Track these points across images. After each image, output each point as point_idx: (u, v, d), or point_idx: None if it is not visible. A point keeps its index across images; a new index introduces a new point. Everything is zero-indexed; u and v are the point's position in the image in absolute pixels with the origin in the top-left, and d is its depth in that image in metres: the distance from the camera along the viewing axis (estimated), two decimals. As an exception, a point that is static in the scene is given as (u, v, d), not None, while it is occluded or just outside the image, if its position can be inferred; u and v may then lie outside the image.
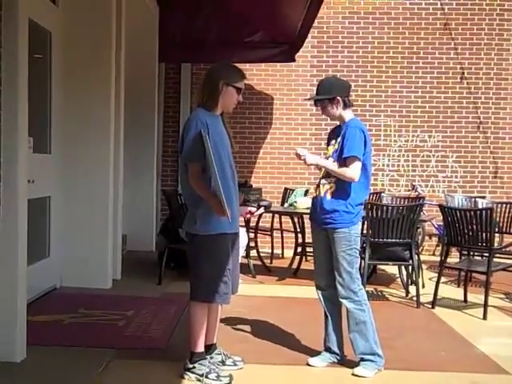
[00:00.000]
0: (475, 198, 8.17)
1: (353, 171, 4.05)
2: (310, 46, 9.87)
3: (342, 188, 4.11)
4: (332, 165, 4.14)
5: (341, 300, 4.21)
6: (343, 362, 4.30)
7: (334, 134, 4.32)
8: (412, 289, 6.50)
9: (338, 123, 4.32)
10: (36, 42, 5.35)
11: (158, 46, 8.88)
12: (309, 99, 4.30)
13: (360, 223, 4.28)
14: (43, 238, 6.07)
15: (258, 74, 9.93)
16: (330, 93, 4.18)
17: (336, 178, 4.11)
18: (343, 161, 4.09)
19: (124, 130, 7.16)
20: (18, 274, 4.07)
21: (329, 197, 4.13)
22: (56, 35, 6.05)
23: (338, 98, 4.17)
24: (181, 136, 3.90)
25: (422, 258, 7.81)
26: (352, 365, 4.19)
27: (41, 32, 5.76)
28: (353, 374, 4.14)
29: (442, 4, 10.02)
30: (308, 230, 7.78)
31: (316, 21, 9.54)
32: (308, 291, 6.65)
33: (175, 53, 9.14)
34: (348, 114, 4.24)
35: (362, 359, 4.20)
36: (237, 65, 4.10)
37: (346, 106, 4.21)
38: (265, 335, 4.47)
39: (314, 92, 4.30)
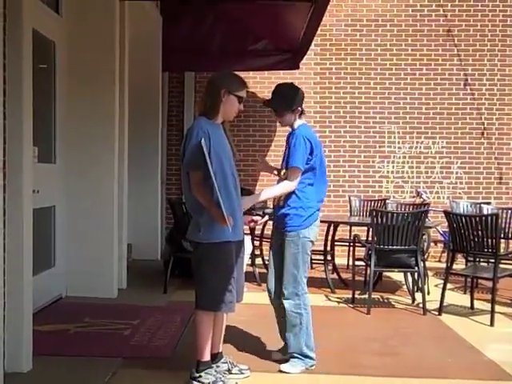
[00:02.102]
0: (480, 203, 8.15)
1: (291, 183, 4.27)
2: (313, 53, 9.89)
3: (291, 193, 4.30)
4: (268, 192, 4.44)
5: (283, 300, 4.30)
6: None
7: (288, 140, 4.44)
8: (418, 296, 6.48)
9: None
10: (40, 52, 5.37)
11: (162, 55, 8.90)
12: (270, 106, 4.40)
13: (314, 228, 4.37)
14: (48, 247, 6.07)
15: (262, 82, 9.93)
16: (293, 102, 4.33)
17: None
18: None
19: (128, 139, 7.17)
20: (24, 284, 4.07)
21: (281, 202, 4.32)
22: (60, 45, 6.08)
23: (300, 108, 4.36)
24: (182, 145, 3.91)
25: (428, 264, 7.79)
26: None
27: (45, 42, 5.78)
28: (279, 371, 4.23)
29: (444, 11, 10.02)
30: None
31: (319, 28, 9.60)
32: (314, 299, 6.63)
33: (178, 61, 9.16)
34: (298, 121, 4.40)
35: (292, 356, 4.31)
36: (240, 73, 4.12)
37: (302, 114, 4.43)
38: (270, 343, 4.46)
39: (270, 96, 4.37)
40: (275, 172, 4.65)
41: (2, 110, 3.91)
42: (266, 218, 4.63)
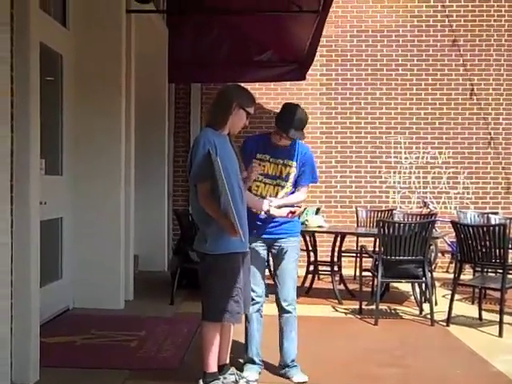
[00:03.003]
0: (488, 214, 8.12)
1: (305, 195, 4.44)
2: (318, 64, 9.91)
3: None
4: (293, 198, 4.37)
5: (287, 307, 4.33)
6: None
7: (278, 151, 4.33)
8: (426, 306, 6.46)
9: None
10: (47, 65, 5.41)
11: (168, 67, 8.94)
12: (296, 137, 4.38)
13: None
14: (56, 259, 6.09)
15: (268, 93, 9.96)
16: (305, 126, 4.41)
17: (288, 189, 4.34)
18: (301, 185, 4.37)
19: (135, 150, 7.19)
20: (31, 296, 4.07)
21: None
22: (67, 58, 6.12)
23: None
24: (189, 156, 3.92)
25: (436, 275, 7.77)
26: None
27: (52, 55, 5.83)
28: (297, 383, 4.23)
29: (449, 21, 10.04)
30: (321, 248, 7.84)
31: (324, 39, 9.63)
32: (321, 310, 6.65)
33: (185, 73, 9.20)
34: None
35: (295, 365, 4.34)
36: (246, 84, 4.13)
37: None
38: (277, 354, 4.44)
39: (297, 126, 4.33)
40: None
41: (10, 122, 3.93)
42: (302, 208, 4.63)
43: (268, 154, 4.31)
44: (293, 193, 4.38)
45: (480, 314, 6.28)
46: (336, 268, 7.56)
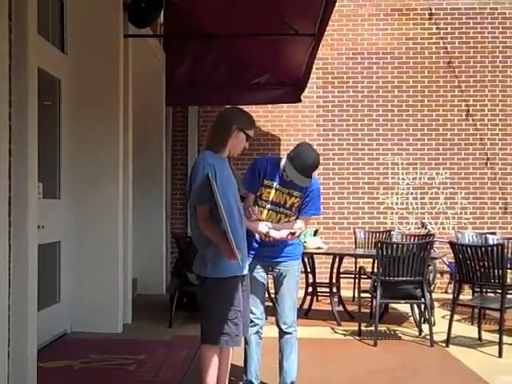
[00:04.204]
0: (486, 234, 8.13)
1: (304, 225, 4.41)
2: (315, 86, 9.98)
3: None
4: (297, 227, 4.31)
5: (287, 330, 4.32)
6: None
7: (286, 180, 4.21)
8: (425, 327, 6.43)
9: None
10: (45, 89, 5.44)
11: (165, 90, 9.00)
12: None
13: None
14: (53, 283, 6.07)
15: (265, 116, 10.02)
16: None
17: (290, 217, 4.30)
18: (303, 214, 4.34)
19: (133, 174, 7.20)
20: (29, 320, 4.06)
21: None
22: (65, 82, 6.16)
23: None
24: (188, 179, 3.92)
25: (435, 295, 7.75)
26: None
27: (50, 79, 5.87)
28: None
29: (444, 43, 10.13)
30: (319, 270, 7.83)
31: (321, 61, 9.73)
32: (320, 331, 6.63)
33: (182, 96, 9.25)
34: None
35: None
36: (243, 107, 4.14)
37: None
38: (276, 377, 4.41)
39: (303, 172, 4.11)
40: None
41: (8, 147, 3.95)
42: (303, 229, 4.53)
43: (275, 181, 4.25)
44: None
45: (479, 335, 6.26)
46: (335, 289, 7.54)
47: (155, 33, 8.37)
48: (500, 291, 5.90)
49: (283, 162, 4.22)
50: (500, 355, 5.61)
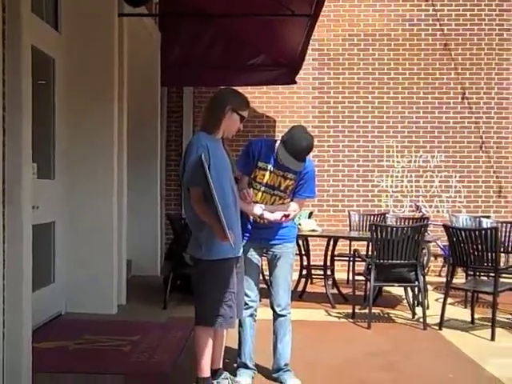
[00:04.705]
0: (479, 217, 8.15)
1: (299, 207, 4.40)
2: (311, 67, 9.93)
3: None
4: (291, 209, 4.29)
5: (281, 312, 4.33)
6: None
7: (279, 164, 4.18)
8: (418, 310, 6.46)
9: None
10: (39, 69, 5.38)
11: (160, 70, 8.93)
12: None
13: None
14: (48, 263, 6.06)
15: (260, 97, 9.97)
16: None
17: (284, 199, 4.28)
18: (298, 197, 4.32)
19: (127, 154, 7.17)
20: (23, 300, 4.05)
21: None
22: (59, 61, 6.10)
23: None
24: (182, 160, 3.90)
25: (428, 278, 7.77)
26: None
27: (44, 59, 5.81)
28: None
29: (441, 25, 10.08)
30: (314, 253, 7.84)
31: (316, 43, 9.68)
32: (314, 314, 6.65)
33: (177, 76, 9.19)
34: None
35: (288, 369, 4.33)
36: (238, 88, 4.11)
37: None
38: (270, 359, 4.43)
39: (297, 156, 4.08)
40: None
41: (2, 126, 3.91)
42: (297, 211, 4.48)
43: (270, 163, 4.22)
44: None
45: (472, 318, 6.30)
46: (329, 272, 7.56)
47: (150, 12, 8.29)
48: (493, 275, 5.92)
49: (277, 144, 4.21)
50: (492, 338, 5.64)
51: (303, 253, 7.57)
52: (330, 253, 7.56)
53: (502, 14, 10.05)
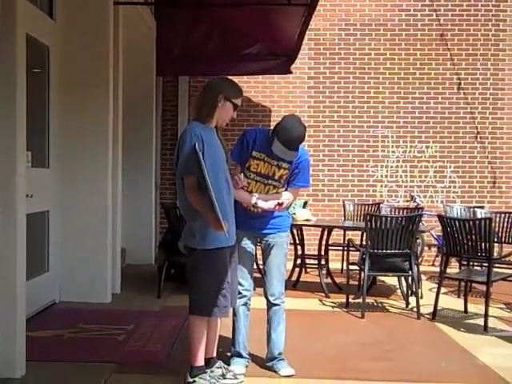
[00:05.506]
0: (474, 207, 8.17)
1: (293, 196, 4.39)
2: (307, 57, 9.92)
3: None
4: (285, 198, 4.28)
5: (275, 301, 4.35)
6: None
7: (273, 153, 4.16)
8: (412, 300, 6.49)
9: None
10: (34, 57, 5.36)
11: (156, 60, 8.90)
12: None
13: None
14: (42, 252, 6.06)
15: (256, 86, 9.96)
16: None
17: (278, 189, 4.29)
18: (292, 186, 4.32)
19: (122, 143, 7.16)
20: (17, 289, 4.05)
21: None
22: (54, 49, 6.07)
23: None
24: (176, 150, 3.90)
25: (422, 268, 7.81)
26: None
27: (39, 47, 5.78)
28: (284, 376, 4.24)
29: (437, 15, 10.07)
30: (308, 242, 7.86)
31: (312, 33, 9.65)
32: (308, 303, 6.67)
33: (173, 66, 9.17)
34: None
35: (282, 358, 4.36)
36: (233, 77, 4.10)
37: None
38: (264, 348, 4.45)
39: (288, 146, 4.09)
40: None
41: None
42: (291, 200, 4.48)
43: (264, 152, 4.20)
44: None
45: (466, 308, 6.33)
46: (323, 261, 7.58)
47: (146, 0, 8.26)
48: (487, 265, 5.94)
49: (270, 134, 4.20)
50: (485, 328, 5.65)
51: (297, 242, 7.58)
52: (324, 242, 7.57)
53: (498, 5, 10.03)
